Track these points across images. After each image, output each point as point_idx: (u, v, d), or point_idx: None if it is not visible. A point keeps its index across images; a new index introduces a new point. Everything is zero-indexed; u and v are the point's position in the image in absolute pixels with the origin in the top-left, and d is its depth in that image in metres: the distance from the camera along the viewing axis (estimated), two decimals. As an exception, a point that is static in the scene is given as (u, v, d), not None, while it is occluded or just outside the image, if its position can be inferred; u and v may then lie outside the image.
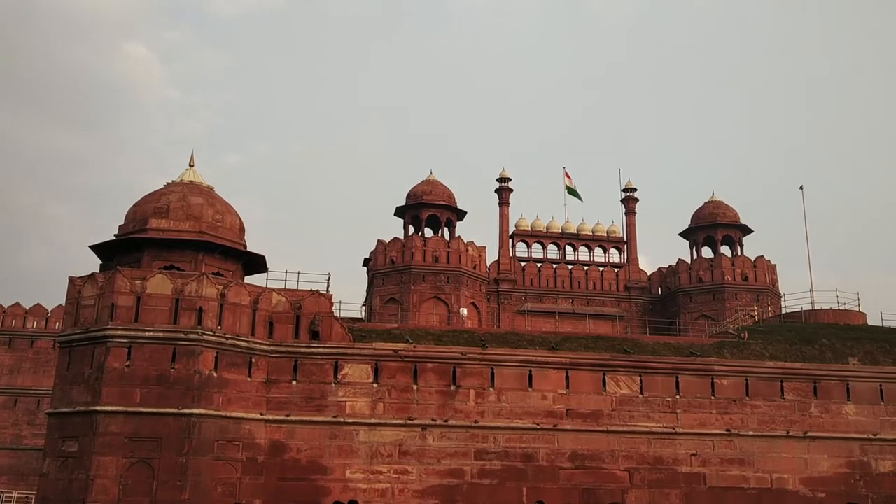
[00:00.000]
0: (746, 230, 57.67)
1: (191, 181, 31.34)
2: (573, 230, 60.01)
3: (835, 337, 34.20)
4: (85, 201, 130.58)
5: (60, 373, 27.35)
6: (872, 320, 39.11)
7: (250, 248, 31.26)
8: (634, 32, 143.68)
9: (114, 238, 29.65)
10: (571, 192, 60.10)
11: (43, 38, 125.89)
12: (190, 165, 32.16)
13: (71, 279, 28.21)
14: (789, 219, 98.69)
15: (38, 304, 56.79)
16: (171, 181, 31.40)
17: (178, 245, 29.09)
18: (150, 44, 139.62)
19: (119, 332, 26.25)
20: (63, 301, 29.37)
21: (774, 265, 56.37)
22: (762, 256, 55.83)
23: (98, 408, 25.49)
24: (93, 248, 29.68)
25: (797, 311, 40.26)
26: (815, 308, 39.93)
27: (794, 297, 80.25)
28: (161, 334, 26.49)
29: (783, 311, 43.78)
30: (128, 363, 26.07)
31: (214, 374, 26.81)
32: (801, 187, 49.06)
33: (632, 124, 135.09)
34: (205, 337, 26.65)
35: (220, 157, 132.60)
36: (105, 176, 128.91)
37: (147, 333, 26.43)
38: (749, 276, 54.77)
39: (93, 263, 31.19)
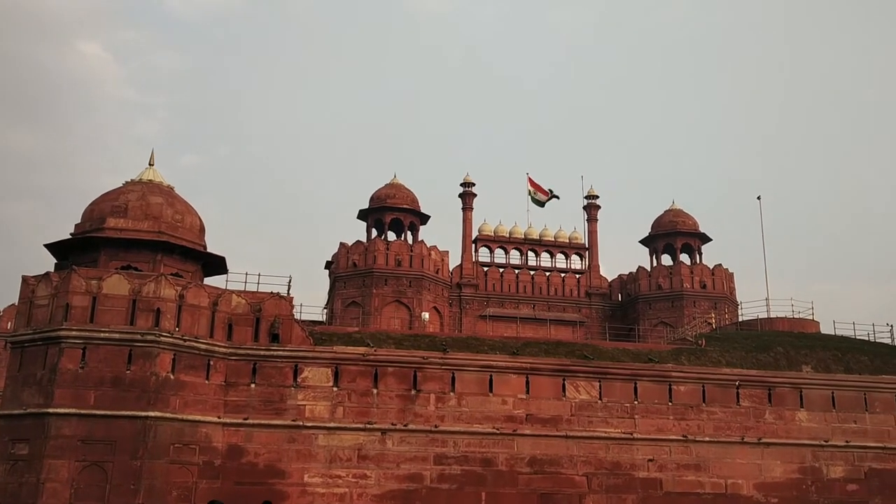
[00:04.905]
0: (705, 238, 58.50)
1: (150, 180, 30.86)
2: (536, 236, 60.30)
3: (789, 345, 34.89)
4: (39, 200, 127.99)
5: (11, 374, 26.71)
6: (826, 329, 40.09)
7: (210, 250, 30.90)
8: (596, 40, 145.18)
9: (70, 237, 29.11)
10: (536, 201, 60.24)
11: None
12: (149, 165, 31.65)
13: (24, 278, 27.59)
14: (747, 228, 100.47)
15: (-11, 304, 55.60)
16: (129, 180, 30.88)
17: (136, 245, 28.66)
18: (106, 43, 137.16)
19: (73, 333, 25.73)
20: (16, 300, 28.75)
21: (732, 273, 57.27)
22: (720, 265, 56.67)
23: (50, 410, 24.94)
24: (48, 246, 29.10)
25: (753, 318, 41.10)
26: (771, 316, 40.77)
27: (751, 305, 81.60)
28: (117, 335, 26.02)
29: (740, 318, 44.66)
30: (82, 364, 25.56)
31: (171, 377, 26.41)
32: (758, 198, 50.22)
33: (595, 132, 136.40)
34: (162, 338, 26.25)
35: (177, 158, 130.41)
36: (60, 175, 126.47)
37: (102, 334, 25.94)
38: (707, 283, 55.51)
39: (47, 263, 30.65)
